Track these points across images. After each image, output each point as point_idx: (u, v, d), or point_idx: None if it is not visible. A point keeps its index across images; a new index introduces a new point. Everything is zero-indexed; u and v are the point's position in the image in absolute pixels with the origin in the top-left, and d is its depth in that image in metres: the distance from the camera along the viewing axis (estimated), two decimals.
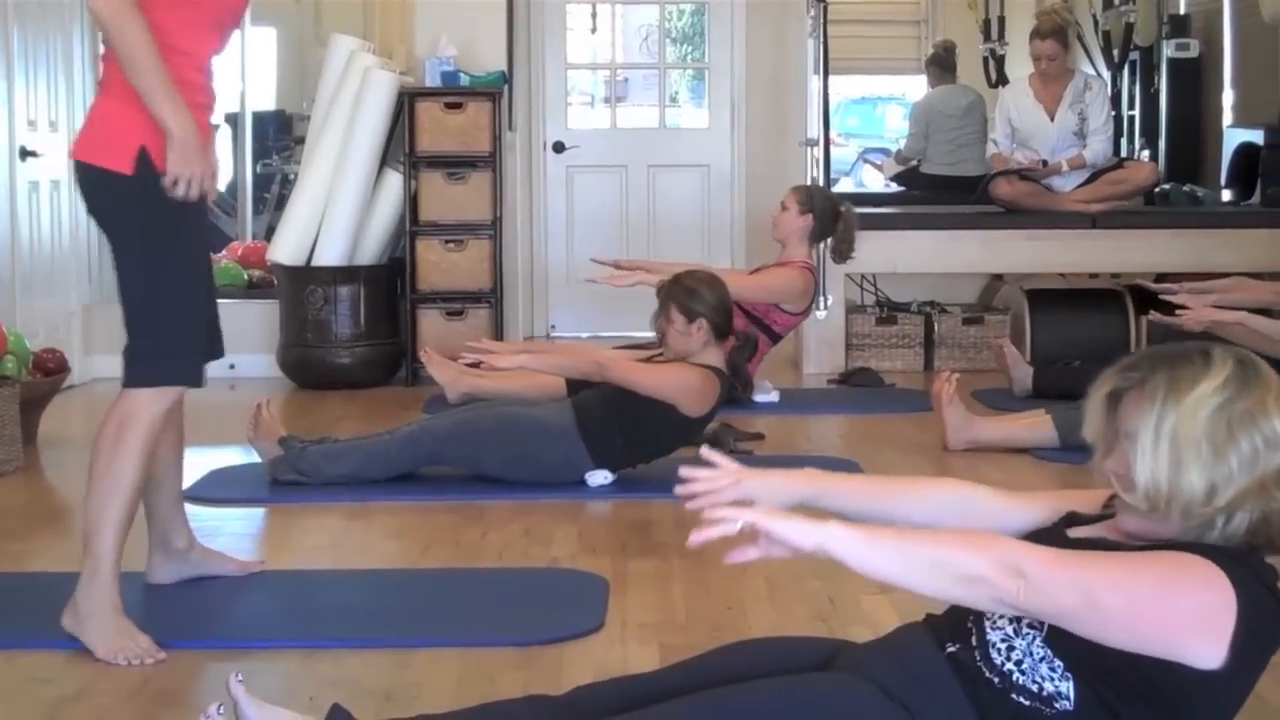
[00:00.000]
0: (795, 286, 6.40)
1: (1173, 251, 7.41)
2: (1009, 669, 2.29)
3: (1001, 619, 2.30)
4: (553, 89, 9.00)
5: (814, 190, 6.72)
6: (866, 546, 2.19)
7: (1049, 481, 5.06)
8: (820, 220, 6.53)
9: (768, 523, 2.22)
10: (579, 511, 4.74)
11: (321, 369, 7.08)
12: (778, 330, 6.45)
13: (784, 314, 6.42)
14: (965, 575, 2.15)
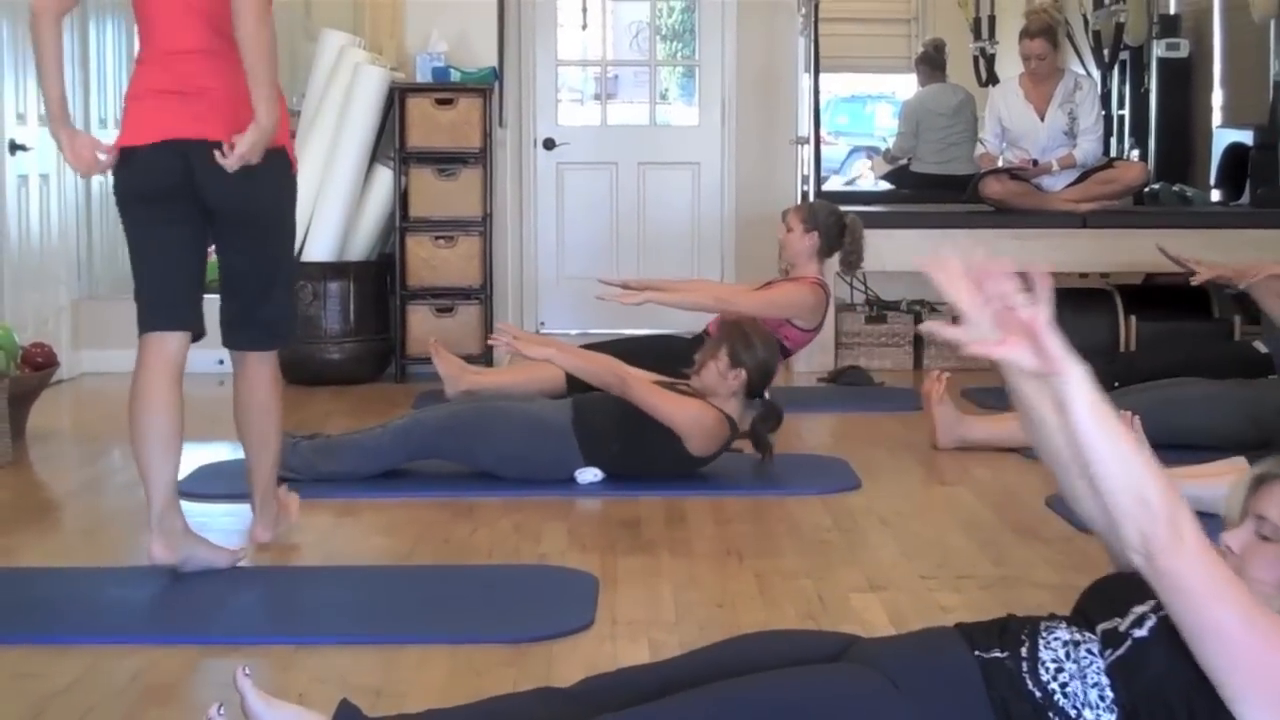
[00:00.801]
0: (806, 301, 6.36)
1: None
2: (1053, 688, 2.32)
3: (1055, 639, 2.34)
4: (543, 85, 9.00)
5: (815, 206, 6.64)
6: (1096, 404, 2.27)
7: (1036, 481, 5.06)
8: (826, 236, 6.46)
9: (1044, 323, 2.27)
10: (569, 508, 4.74)
11: (311, 365, 7.07)
12: (789, 346, 6.41)
13: (797, 330, 6.40)
14: (1142, 496, 2.21)
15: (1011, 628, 2.43)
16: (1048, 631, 2.39)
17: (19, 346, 5.90)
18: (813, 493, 4.85)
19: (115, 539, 4.49)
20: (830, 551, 4.21)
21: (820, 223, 6.45)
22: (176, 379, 3.97)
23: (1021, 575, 3.95)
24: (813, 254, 6.45)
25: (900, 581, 3.90)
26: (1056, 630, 2.41)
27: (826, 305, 6.48)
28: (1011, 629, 2.43)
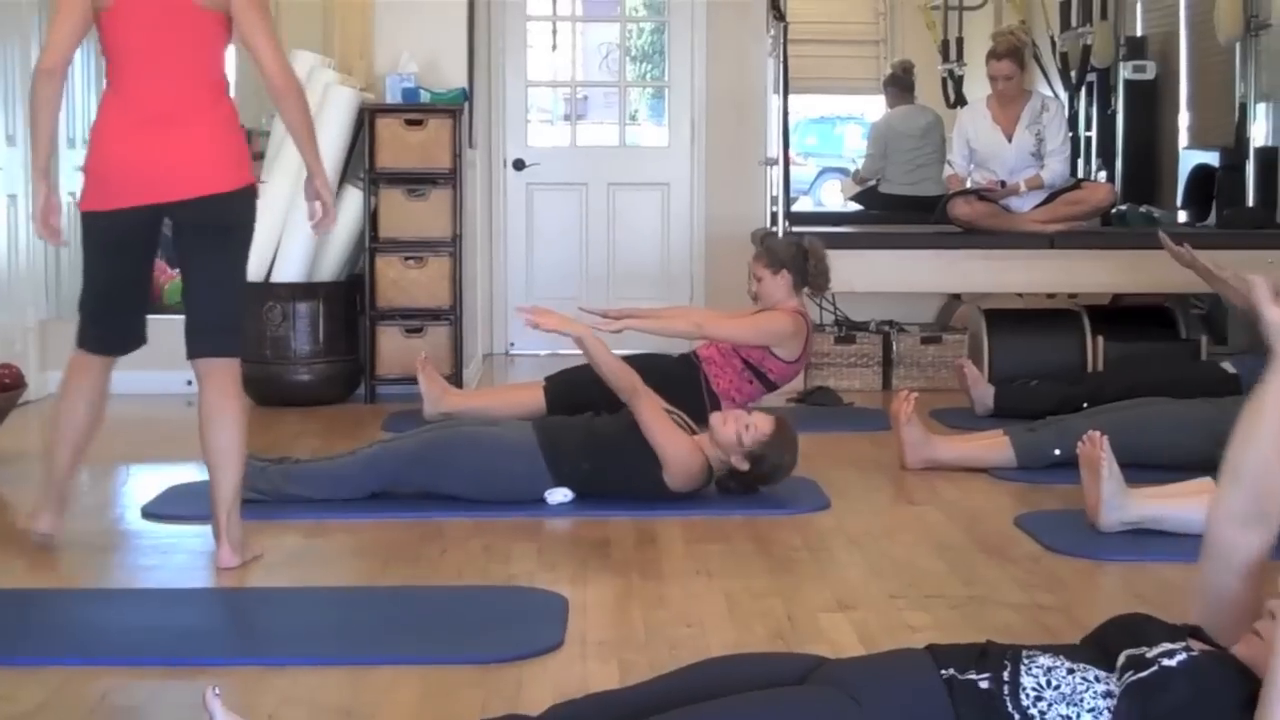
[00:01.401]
0: (785, 329, 6.38)
1: (1129, 272, 7.45)
2: (1032, 713, 2.36)
3: (1038, 666, 2.37)
4: (513, 106, 9.02)
5: (771, 246, 6.62)
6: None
7: (1005, 501, 5.08)
8: (794, 270, 6.48)
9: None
10: (538, 529, 4.74)
11: (280, 386, 7.05)
12: (773, 379, 6.42)
13: (779, 361, 6.41)
14: None
15: (992, 653, 2.45)
16: (1029, 659, 2.41)
17: None
18: (782, 512, 4.86)
19: (83, 561, 4.47)
20: (799, 571, 4.22)
21: (784, 259, 6.47)
22: None
23: (990, 595, 3.96)
24: (787, 291, 6.47)
25: (869, 601, 3.91)
26: (1039, 658, 2.44)
27: (808, 334, 6.49)
28: (992, 654, 2.45)
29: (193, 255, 4.30)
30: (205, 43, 4.18)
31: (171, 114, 4.14)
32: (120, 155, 4.16)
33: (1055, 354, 7.32)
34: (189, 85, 4.17)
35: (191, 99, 4.17)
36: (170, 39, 4.14)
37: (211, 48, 4.22)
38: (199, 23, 4.14)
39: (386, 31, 7.62)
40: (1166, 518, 4.49)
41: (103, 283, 4.34)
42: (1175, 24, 9.74)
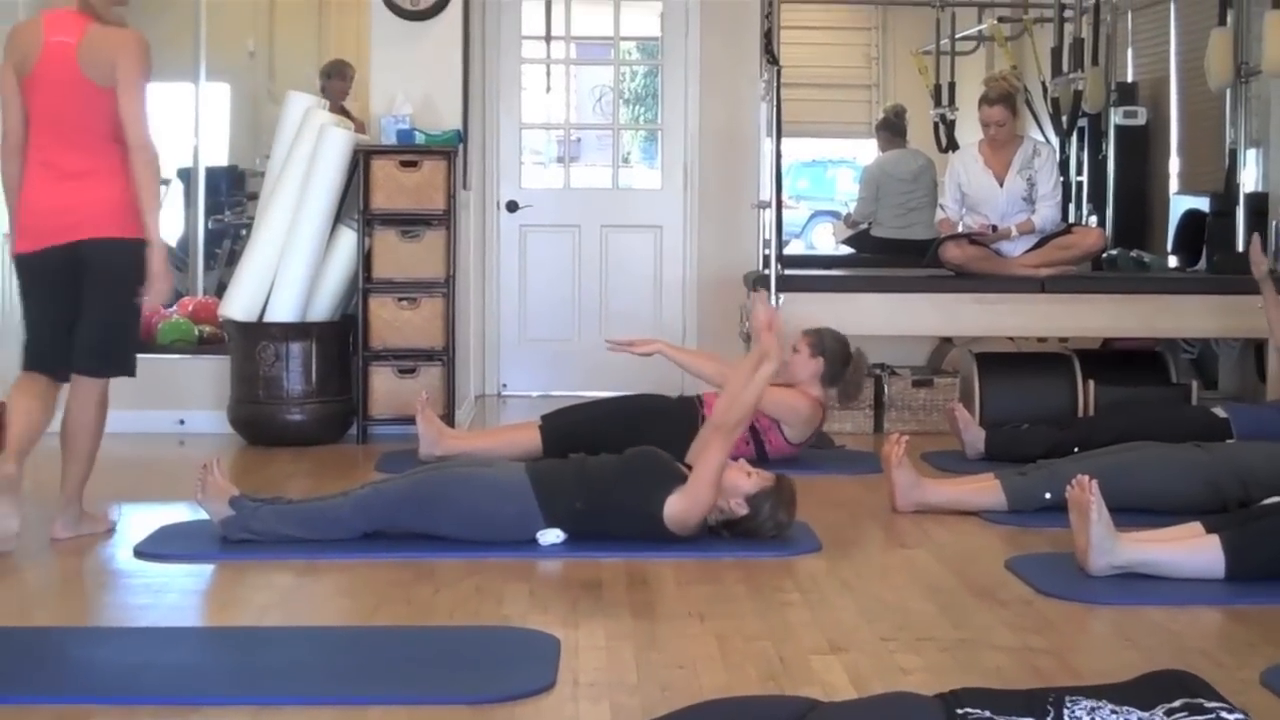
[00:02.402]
0: (803, 413, 6.40)
1: (1120, 316, 7.48)
2: None
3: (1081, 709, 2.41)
4: (507, 148, 9.04)
5: (825, 333, 6.60)
6: None
7: (996, 544, 5.09)
8: (831, 364, 6.47)
9: None
10: (530, 570, 4.74)
11: (272, 426, 7.06)
12: (769, 451, 6.43)
13: (782, 439, 6.43)
14: None
15: (1036, 697, 2.48)
16: (1073, 703, 2.45)
17: None
18: (774, 555, 4.86)
19: (75, 599, 4.47)
20: (791, 613, 4.22)
21: (827, 349, 6.48)
22: None
23: (981, 638, 3.97)
24: (815, 378, 6.48)
25: (861, 644, 3.91)
26: (1082, 700, 2.48)
27: (819, 427, 6.49)
28: (1036, 698, 2.48)
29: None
30: (99, 111, 4.91)
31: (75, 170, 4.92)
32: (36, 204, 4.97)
33: (1046, 398, 7.34)
34: (87, 145, 4.93)
35: (90, 158, 4.93)
36: (70, 108, 4.93)
37: (105, 115, 4.91)
38: (91, 95, 4.90)
39: (382, 73, 7.65)
40: (1156, 562, 4.51)
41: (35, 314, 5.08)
42: (1166, 70, 9.80)
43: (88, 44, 4.87)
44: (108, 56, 4.86)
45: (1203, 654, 3.77)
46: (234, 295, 7.22)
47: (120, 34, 4.92)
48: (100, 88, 4.86)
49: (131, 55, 4.88)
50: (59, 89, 4.89)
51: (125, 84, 4.86)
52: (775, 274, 7.34)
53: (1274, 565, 4.44)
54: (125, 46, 4.89)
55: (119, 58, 4.86)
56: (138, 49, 4.91)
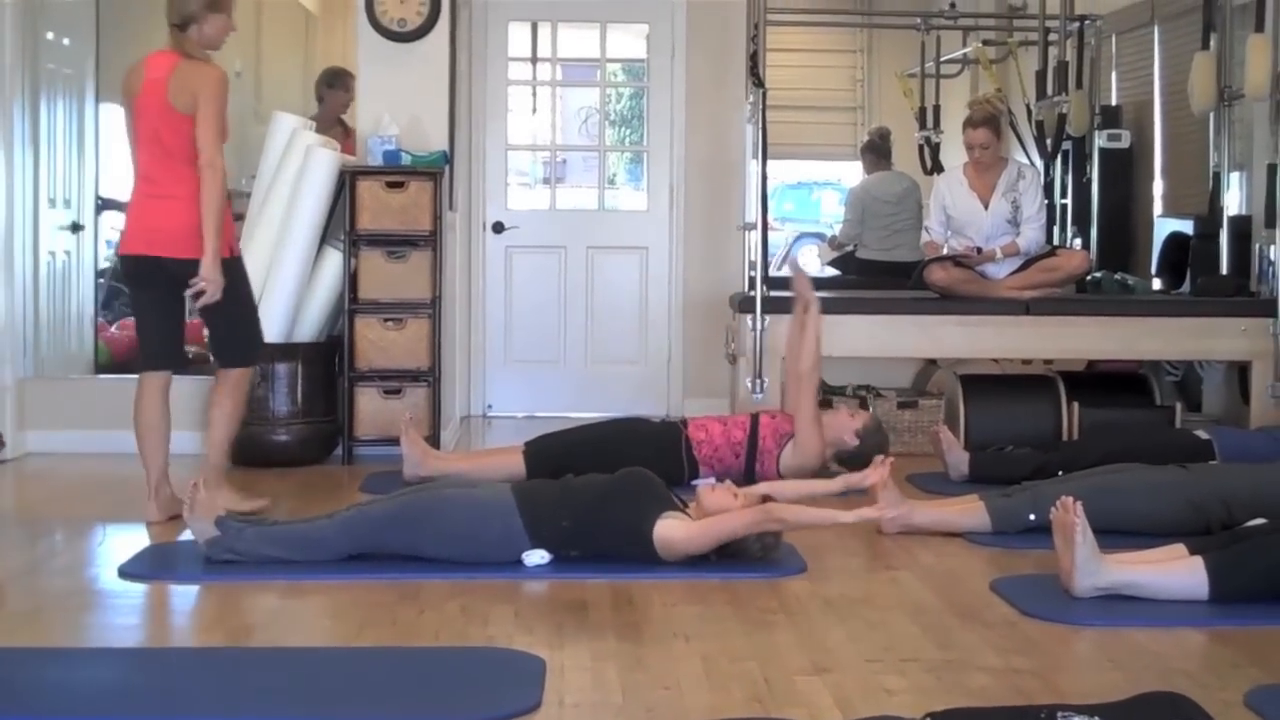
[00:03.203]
0: (813, 460, 6.46)
1: (1104, 338, 7.51)
2: None
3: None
4: (493, 169, 9.06)
5: (875, 429, 6.61)
6: None
7: (981, 565, 5.10)
8: (857, 454, 6.42)
9: None
10: (515, 591, 4.74)
11: (258, 446, 7.05)
12: (759, 472, 6.47)
13: (775, 467, 6.47)
14: None
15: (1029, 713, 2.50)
16: (1064, 717, 2.46)
17: None
18: (759, 576, 4.87)
19: (59, 620, 4.46)
20: (776, 634, 4.22)
21: (866, 443, 6.47)
22: None
23: (966, 659, 3.98)
24: (836, 446, 6.49)
25: (846, 665, 3.92)
26: (1074, 717, 2.49)
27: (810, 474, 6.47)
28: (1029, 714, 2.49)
29: None
30: (184, 136, 5.63)
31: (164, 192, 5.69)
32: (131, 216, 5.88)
33: (1031, 420, 7.36)
34: (173, 168, 5.66)
35: (176, 182, 5.66)
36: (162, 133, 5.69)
37: (189, 140, 5.62)
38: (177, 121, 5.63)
39: (368, 94, 7.66)
40: (1140, 583, 4.52)
41: (141, 315, 5.93)
42: (1150, 94, 9.83)
43: (175, 77, 5.64)
44: (191, 87, 5.61)
45: (1186, 675, 3.78)
46: None
47: (203, 67, 5.68)
48: (184, 115, 5.60)
49: (210, 85, 5.64)
50: (153, 116, 5.69)
51: (203, 109, 5.59)
52: (760, 295, 7.36)
53: (1257, 587, 4.45)
54: (206, 78, 5.65)
55: (200, 88, 5.61)
56: (216, 80, 5.67)
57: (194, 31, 5.73)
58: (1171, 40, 9.54)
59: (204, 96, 5.62)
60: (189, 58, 5.71)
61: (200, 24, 5.73)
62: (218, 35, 5.83)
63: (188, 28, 5.73)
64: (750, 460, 6.46)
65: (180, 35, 5.72)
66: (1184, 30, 9.18)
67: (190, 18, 5.72)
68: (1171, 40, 9.54)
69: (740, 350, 7.53)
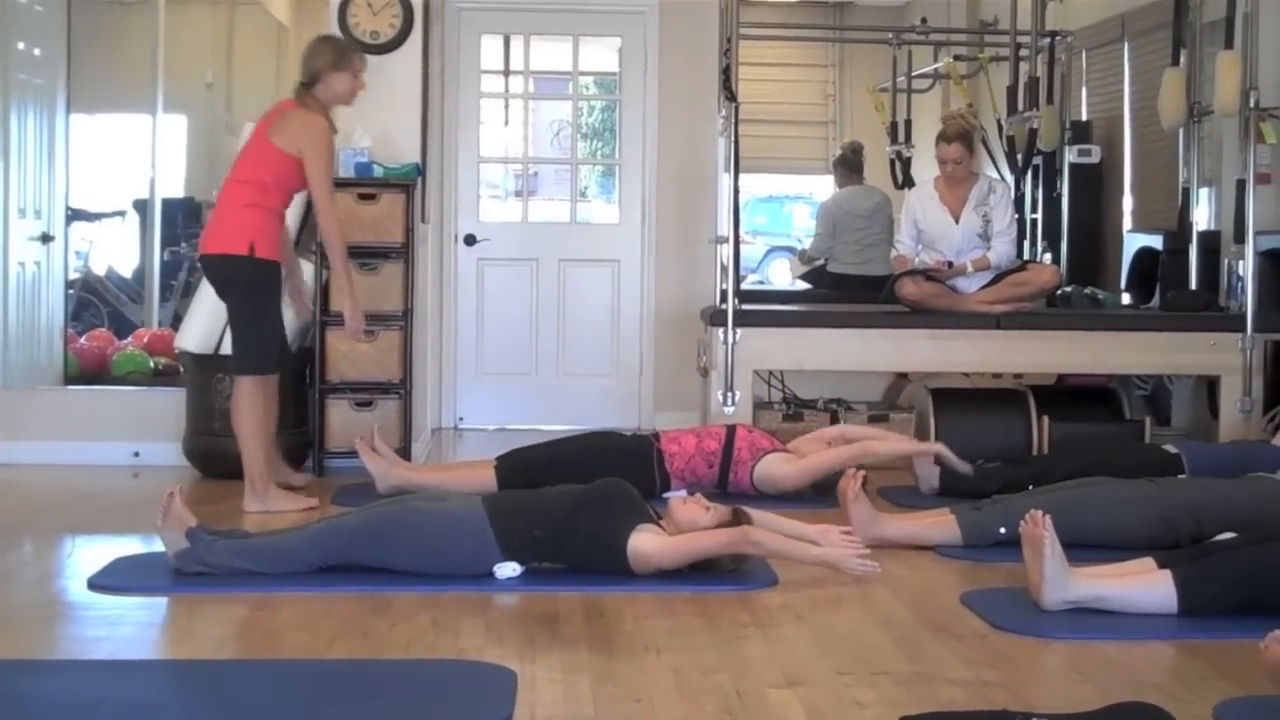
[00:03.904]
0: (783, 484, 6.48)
1: (1074, 353, 7.54)
2: None
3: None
4: (465, 182, 9.06)
5: None
6: None
7: (952, 578, 5.11)
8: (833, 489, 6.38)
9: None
10: (487, 603, 4.73)
11: (229, 458, 6.99)
12: (731, 482, 6.48)
13: (748, 479, 6.48)
14: None
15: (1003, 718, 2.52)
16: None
17: None
18: (730, 589, 4.87)
19: (28, 632, 4.44)
20: (748, 647, 4.23)
21: None
22: None
23: (936, 672, 3.99)
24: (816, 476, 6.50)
25: (817, 678, 3.92)
26: None
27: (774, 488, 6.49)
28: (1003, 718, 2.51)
29: None
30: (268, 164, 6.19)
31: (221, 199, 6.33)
32: None
33: (1001, 433, 7.38)
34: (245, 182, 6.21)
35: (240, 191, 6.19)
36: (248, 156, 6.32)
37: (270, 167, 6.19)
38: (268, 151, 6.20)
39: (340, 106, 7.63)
40: (1109, 597, 4.54)
41: None
42: (1120, 109, 9.89)
43: (284, 117, 6.19)
44: (294, 131, 6.12)
45: (1156, 688, 3.80)
46: (190, 327, 7.20)
47: (309, 116, 6.15)
48: (274, 148, 6.13)
49: (315, 134, 6.13)
50: (251, 143, 6.31)
51: (310, 161, 6.11)
52: (732, 309, 7.37)
53: (1226, 600, 4.47)
54: (311, 126, 6.14)
55: (305, 137, 6.12)
56: (321, 130, 6.15)
57: (321, 89, 6.21)
58: (1141, 56, 9.60)
59: (309, 148, 6.10)
60: (303, 106, 6.19)
61: (326, 81, 6.20)
62: (345, 92, 6.29)
63: (314, 84, 6.21)
64: (724, 471, 6.48)
65: (306, 92, 6.22)
66: (1154, 46, 9.23)
67: (316, 75, 6.21)
68: (1141, 56, 9.60)
69: (712, 363, 7.54)
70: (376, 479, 6.35)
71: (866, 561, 5.01)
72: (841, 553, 5.05)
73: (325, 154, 6.18)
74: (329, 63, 6.24)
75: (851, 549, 5.06)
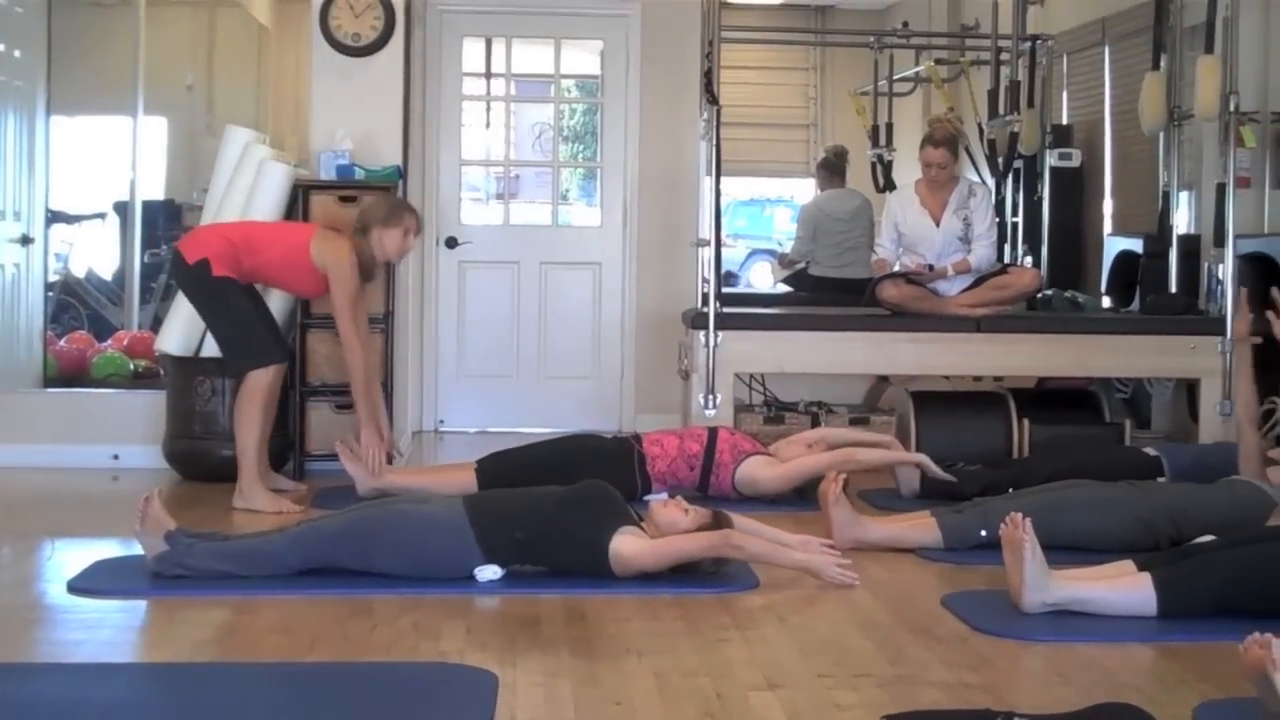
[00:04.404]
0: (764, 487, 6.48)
1: (1054, 356, 7.55)
2: None
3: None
4: (446, 184, 9.05)
5: None
6: None
7: (932, 581, 5.12)
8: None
9: None
10: (468, 606, 4.73)
11: (209, 461, 7.01)
12: (712, 485, 6.48)
13: (729, 483, 6.48)
14: None
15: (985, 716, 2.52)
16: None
17: None
18: (711, 591, 4.87)
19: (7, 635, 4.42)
20: (729, 650, 4.23)
21: None
22: None
23: (917, 674, 3.99)
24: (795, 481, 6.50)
25: (798, 680, 3.92)
26: None
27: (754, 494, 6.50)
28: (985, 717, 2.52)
29: None
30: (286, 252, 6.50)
31: None
32: None
33: (981, 436, 7.38)
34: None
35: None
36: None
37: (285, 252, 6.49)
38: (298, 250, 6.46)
39: (322, 108, 7.65)
40: (1089, 599, 4.55)
41: None
42: (1100, 113, 9.92)
43: (328, 238, 6.47)
44: (327, 255, 6.38)
45: (1136, 690, 3.80)
46: (170, 330, 7.18)
47: (341, 246, 6.41)
48: (307, 257, 6.41)
49: (340, 261, 6.36)
50: (292, 227, 6.85)
51: (333, 282, 6.37)
52: (714, 312, 7.37)
53: (1205, 603, 4.48)
54: (338, 254, 6.39)
55: (331, 261, 6.37)
56: (344, 258, 6.37)
57: (373, 239, 6.48)
58: (1122, 60, 9.63)
59: (334, 271, 6.34)
60: (351, 239, 6.48)
61: (378, 235, 6.48)
62: (393, 248, 6.54)
63: (367, 234, 6.48)
64: (705, 473, 6.49)
65: (360, 239, 6.49)
66: (1134, 51, 9.26)
67: (366, 227, 6.50)
68: (1122, 60, 9.63)
69: (693, 366, 7.54)
70: (358, 482, 6.35)
71: (846, 571, 5.02)
72: (822, 559, 5.06)
73: (351, 285, 6.38)
74: (380, 217, 6.50)
75: (832, 556, 5.07)
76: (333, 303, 6.38)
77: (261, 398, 6.38)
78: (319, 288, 6.50)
